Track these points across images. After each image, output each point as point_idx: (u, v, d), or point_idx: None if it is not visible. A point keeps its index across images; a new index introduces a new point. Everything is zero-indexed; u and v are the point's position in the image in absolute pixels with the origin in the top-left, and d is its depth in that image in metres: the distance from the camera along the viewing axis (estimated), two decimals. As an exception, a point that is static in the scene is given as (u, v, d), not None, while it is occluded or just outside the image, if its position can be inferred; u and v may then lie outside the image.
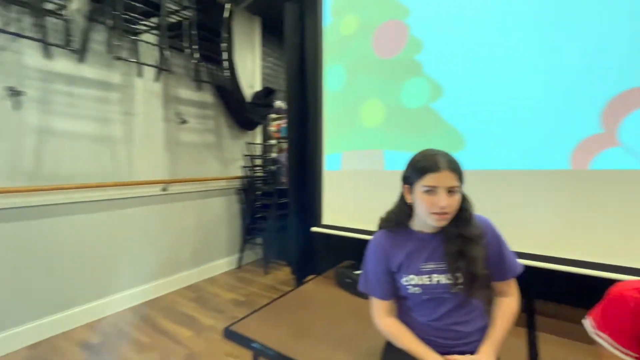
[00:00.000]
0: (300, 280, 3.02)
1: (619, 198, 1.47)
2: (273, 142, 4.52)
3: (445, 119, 1.91)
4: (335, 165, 2.40)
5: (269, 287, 3.21)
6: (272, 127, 4.50)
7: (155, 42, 2.69)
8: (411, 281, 1.01)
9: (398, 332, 1.05)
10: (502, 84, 1.73)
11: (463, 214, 0.98)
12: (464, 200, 1.00)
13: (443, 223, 0.95)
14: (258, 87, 4.13)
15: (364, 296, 2.10)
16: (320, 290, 2.34)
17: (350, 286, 2.21)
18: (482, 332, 1.03)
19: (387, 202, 1.16)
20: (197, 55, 2.85)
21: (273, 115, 4.52)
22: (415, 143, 2.01)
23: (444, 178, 0.91)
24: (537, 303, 1.97)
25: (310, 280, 2.65)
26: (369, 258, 1.11)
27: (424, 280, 1.01)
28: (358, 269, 2.29)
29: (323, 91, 2.44)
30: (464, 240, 0.96)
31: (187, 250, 3.23)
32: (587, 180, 1.54)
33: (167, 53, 2.68)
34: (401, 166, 2.02)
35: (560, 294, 1.87)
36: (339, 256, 2.81)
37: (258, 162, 4.05)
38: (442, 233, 1.01)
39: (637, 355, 0.76)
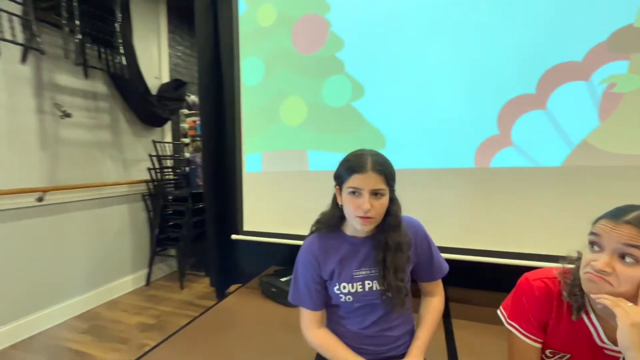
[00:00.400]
0: (221, 292, 2.76)
1: (513, 193, 1.65)
2: (186, 140, 4.08)
3: (367, 119, 1.91)
4: (256, 167, 2.23)
5: (185, 304, 2.86)
6: (186, 124, 4.05)
7: (19, 13, 2.10)
8: (344, 290, 0.95)
9: (328, 343, 0.98)
10: (419, 86, 1.80)
11: (390, 219, 0.93)
12: (393, 204, 0.93)
13: (368, 227, 0.90)
14: (166, 78, 3.65)
15: (293, 304, 2.02)
16: (244, 303, 2.15)
17: (277, 295, 2.08)
18: (410, 334, 1.03)
19: (314, 204, 1.06)
20: (79, 33, 2.33)
21: (185, 111, 4.08)
22: (338, 143, 1.97)
23: (368, 180, 0.86)
24: (448, 290, 2.14)
25: (232, 292, 2.43)
26: (299, 266, 1.01)
27: (357, 287, 0.95)
28: (284, 276, 2.17)
29: (240, 85, 2.24)
30: (389, 248, 0.92)
31: (77, 272, 2.66)
32: (489, 177, 1.69)
33: (36, 28, 2.12)
34: (326, 166, 1.95)
35: (468, 280, 2.06)
36: (264, 263, 2.65)
37: (168, 163, 3.58)
38: (372, 238, 0.96)
39: (541, 340, 0.82)
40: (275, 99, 2.12)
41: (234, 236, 2.33)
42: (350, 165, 0.88)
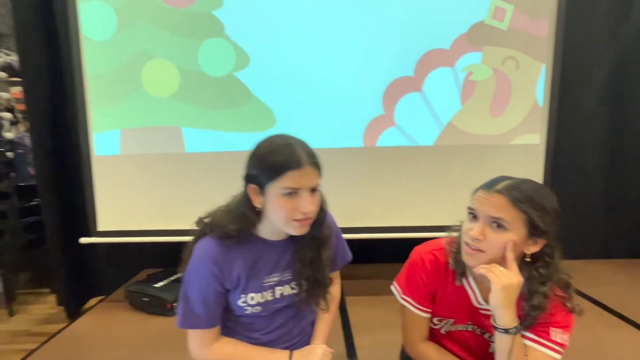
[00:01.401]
0: (73, 311, 2.15)
1: (397, 170, 1.75)
2: (6, 115, 2.99)
3: (253, 92, 1.69)
4: (111, 149, 1.74)
5: (18, 335, 2.12)
6: (8, 94, 2.96)
7: None
8: (251, 301, 0.81)
9: (235, 350, 0.82)
10: (309, 61, 1.69)
11: (320, 214, 0.80)
12: (321, 196, 0.82)
13: (305, 230, 0.76)
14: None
15: (170, 312, 1.71)
16: (104, 321, 1.70)
17: (151, 305, 1.71)
18: (312, 325, 0.96)
19: (194, 193, 0.83)
20: None
21: (3, 75, 2.97)
22: (222, 119, 1.70)
23: (306, 176, 0.71)
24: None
25: (89, 309, 1.90)
26: (192, 279, 0.79)
27: (267, 296, 0.83)
28: (160, 280, 1.81)
29: (80, 40, 1.67)
30: (318, 244, 0.82)
31: None
32: (376, 156, 1.75)
33: None
34: (207, 147, 1.67)
35: (358, 256, 2.13)
36: (132, 268, 2.19)
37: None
38: (292, 238, 0.83)
39: (430, 310, 0.85)
40: (135, 61, 1.67)
41: (83, 240, 1.80)
42: (280, 161, 0.70)
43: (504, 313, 0.68)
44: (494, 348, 0.74)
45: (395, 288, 0.89)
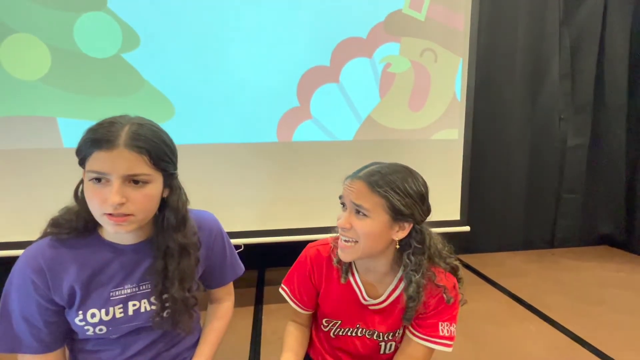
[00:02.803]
0: None
1: (314, 167, 1.63)
2: None
3: (146, 78, 1.46)
4: (-37, 142, 1.40)
5: None
6: None
7: None
8: (91, 319, 0.65)
9: None
10: (213, 44, 1.49)
11: (170, 215, 0.66)
12: (173, 194, 0.67)
13: (126, 229, 0.61)
14: None
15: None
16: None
17: None
18: (194, 347, 0.81)
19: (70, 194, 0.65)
20: None
21: None
22: (109, 109, 1.42)
23: (118, 160, 0.58)
24: (266, 273, 2.04)
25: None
26: (12, 290, 0.64)
27: (116, 312, 0.67)
28: None
29: None
30: (172, 254, 0.67)
31: None
32: (291, 151, 1.61)
33: None
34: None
35: (283, 259, 2.00)
36: None
37: None
38: (146, 242, 0.70)
39: (305, 307, 0.80)
40: (-11, 34, 1.35)
41: None
42: (92, 139, 0.58)
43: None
44: (385, 349, 0.76)
45: (283, 287, 0.84)
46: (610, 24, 2.44)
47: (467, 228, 1.85)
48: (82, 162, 0.60)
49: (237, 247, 1.00)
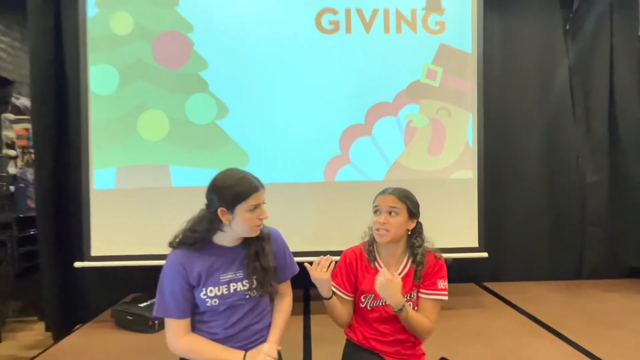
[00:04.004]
0: (61, 336, 2.31)
1: (352, 200, 2.05)
2: (12, 153, 3.28)
3: (231, 137, 2.03)
4: (108, 183, 2.02)
5: (8, 359, 2.27)
6: (12, 132, 3.27)
7: None
8: (210, 293, 1.03)
9: (198, 345, 1.04)
10: (278, 110, 2.05)
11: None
12: None
13: (259, 231, 1.07)
14: (-22, 73, 2.90)
15: (152, 329, 1.90)
16: (90, 341, 1.87)
17: (135, 323, 1.91)
18: (268, 328, 1.17)
19: (177, 220, 1.10)
20: None
21: (11, 116, 3.30)
22: (203, 159, 2.02)
23: (262, 195, 1.04)
24: (311, 290, 2.42)
25: (76, 330, 2.08)
26: (164, 278, 1.05)
27: (222, 290, 1.05)
28: (144, 301, 2.01)
29: (88, 94, 2.02)
30: (258, 251, 1.10)
31: None
32: (335, 189, 2.06)
33: None
34: (192, 182, 1.97)
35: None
36: (119, 293, 2.36)
37: (-20, 180, 2.82)
38: (241, 245, 1.10)
39: (351, 293, 1.17)
40: (133, 111, 2.01)
41: (77, 264, 2.02)
42: (245, 189, 1.01)
43: (391, 300, 1.03)
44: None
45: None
46: (619, 68, 2.71)
47: (485, 254, 2.13)
48: (233, 204, 1.00)
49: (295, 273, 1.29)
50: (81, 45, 2.02)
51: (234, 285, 1.07)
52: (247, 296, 1.08)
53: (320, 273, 1.09)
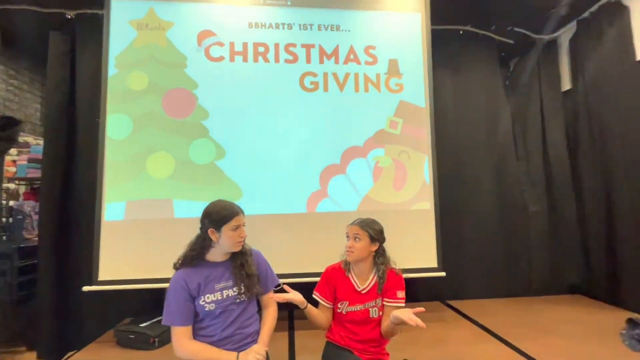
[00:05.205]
0: (55, 362, 2.43)
1: (329, 229, 2.41)
2: (12, 186, 3.48)
3: (227, 175, 2.39)
4: (117, 215, 2.31)
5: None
6: (12, 168, 3.49)
7: None
8: (207, 300, 1.31)
9: (200, 349, 1.30)
10: (266, 152, 2.45)
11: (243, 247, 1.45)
12: None
13: (240, 247, 1.39)
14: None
15: (152, 346, 2.08)
16: (96, 356, 2.05)
17: (137, 341, 2.12)
18: (257, 333, 1.45)
19: (179, 247, 1.40)
20: None
21: (13, 152, 3.54)
22: (203, 194, 2.35)
23: (242, 219, 1.38)
24: (295, 311, 2.69)
25: (69, 357, 2.22)
26: (170, 292, 1.31)
27: (217, 296, 1.33)
28: (145, 322, 2.23)
29: (105, 139, 2.35)
30: (243, 264, 1.41)
31: None
32: (315, 219, 2.42)
33: None
34: (192, 214, 2.28)
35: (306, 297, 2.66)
36: (118, 317, 2.54)
37: (-16, 213, 3.01)
38: (229, 260, 1.41)
39: (330, 302, 1.50)
40: (143, 153, 2.35)
41: (86, 288, 2.24)
42: (229, 213, 1.35)
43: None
44: (372, 314, 1.45)
45: (314, 294, 1.54)
46: (547, 115, 3.30)
47: (443, 273, 2.50)
48: (219, 224, 1.33)
49: (277, 284, 1.57)
50: (101, 98, 2.39)
51: (226, 292, 1.37)
52: (238, 300, 1.38)
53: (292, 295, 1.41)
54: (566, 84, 3.31)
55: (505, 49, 3.45)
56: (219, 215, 1.34)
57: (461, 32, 3.23)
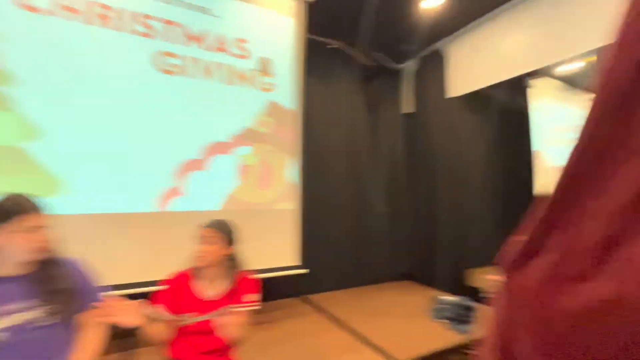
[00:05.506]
0: None
1: (183, 231, 2.15)
2: None
3: (41, 162, 1.83)
4: None
5: None
6: None
7: None
8: None
9: None
10: (105, 137, 2.00)
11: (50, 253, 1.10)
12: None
13: (41, 254, 1.04)
14: None
15: None
16: None
17: None
18: None
19: None
20: None
21: None
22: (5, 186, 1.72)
23: (39, 218, 1.04)
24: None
25: None
26: None
27: (10, 321, 0.99)
28: None
29: None
30: (48, 277, 1.08)
31: None
32: (165, 219, 2.14)
33: None
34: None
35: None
36: None
37: None
38: (30, 273, 1.06)
39: (172, 313, 1.30)
40: None
41: None
42: (16, 208, 0.99)
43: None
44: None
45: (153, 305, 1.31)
46: (392, 135, 3.95)
47: (306, 270, 2.62)
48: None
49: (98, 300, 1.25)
50: None
51: (22, 316, 1.03)
52: (43, 324, 1.05)
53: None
54: (409, 107, 4.02)
55: (369, 70, 3.94)
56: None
57: (332, 46, 3.49)
